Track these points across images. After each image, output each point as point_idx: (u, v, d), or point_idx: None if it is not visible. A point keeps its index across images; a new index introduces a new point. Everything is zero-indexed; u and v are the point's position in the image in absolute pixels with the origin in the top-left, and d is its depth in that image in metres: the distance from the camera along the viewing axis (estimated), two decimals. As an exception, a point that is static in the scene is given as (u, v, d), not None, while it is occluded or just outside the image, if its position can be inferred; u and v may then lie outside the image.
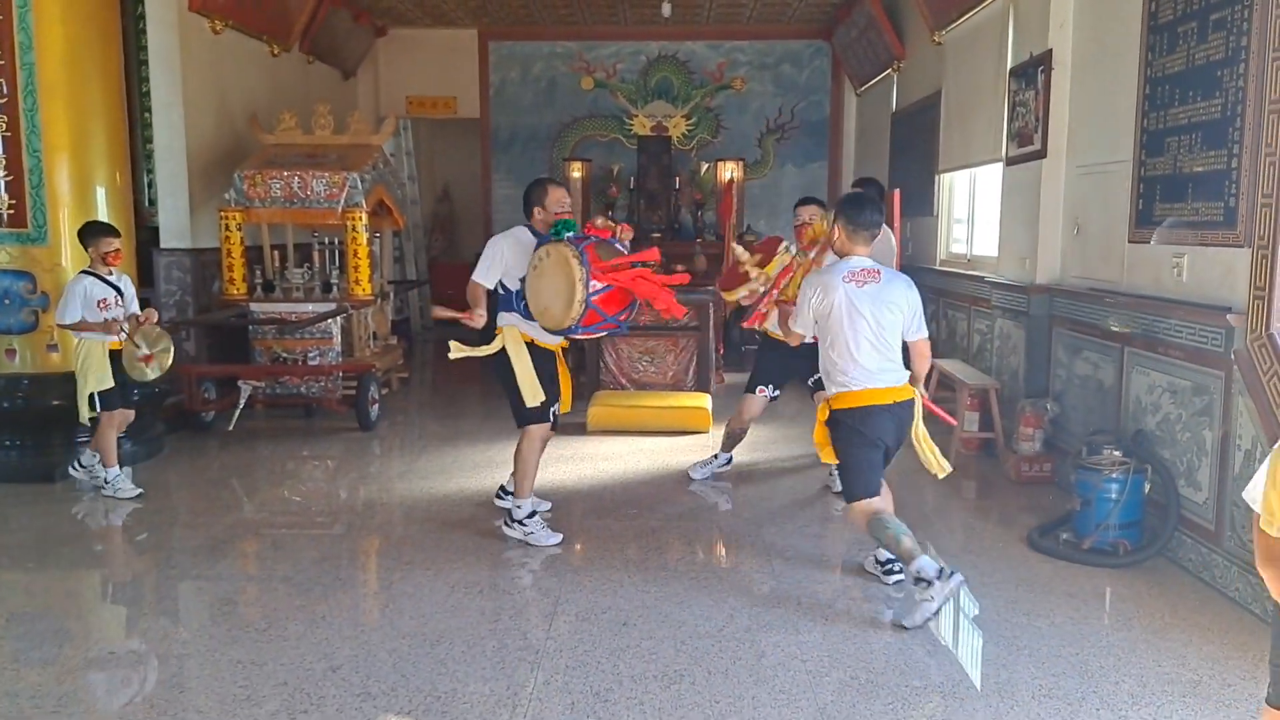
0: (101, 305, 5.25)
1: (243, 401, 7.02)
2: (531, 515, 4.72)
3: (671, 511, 5.28)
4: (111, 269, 5.34)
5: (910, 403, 4.03)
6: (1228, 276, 4.21)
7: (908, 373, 4.05)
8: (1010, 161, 6.49)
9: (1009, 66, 6.52)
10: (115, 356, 5.34)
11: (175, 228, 7.68)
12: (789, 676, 3.36)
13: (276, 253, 7.90)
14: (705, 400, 7.20)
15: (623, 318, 4.51)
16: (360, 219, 7.36)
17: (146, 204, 8.00)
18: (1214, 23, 4.30)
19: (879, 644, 3.63)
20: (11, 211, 5.78)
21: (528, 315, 4.52)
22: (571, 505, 5.34)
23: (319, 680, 3.30)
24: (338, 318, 7.35)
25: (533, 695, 3.21)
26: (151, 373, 5.43)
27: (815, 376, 5.17)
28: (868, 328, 3.91)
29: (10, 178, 5.75)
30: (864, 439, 3.98)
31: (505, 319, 4.63)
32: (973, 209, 7.89)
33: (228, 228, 7.36)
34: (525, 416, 4.65)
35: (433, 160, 13.94)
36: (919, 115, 8.94)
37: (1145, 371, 4.82)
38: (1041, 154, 5.94)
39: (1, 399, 5.88)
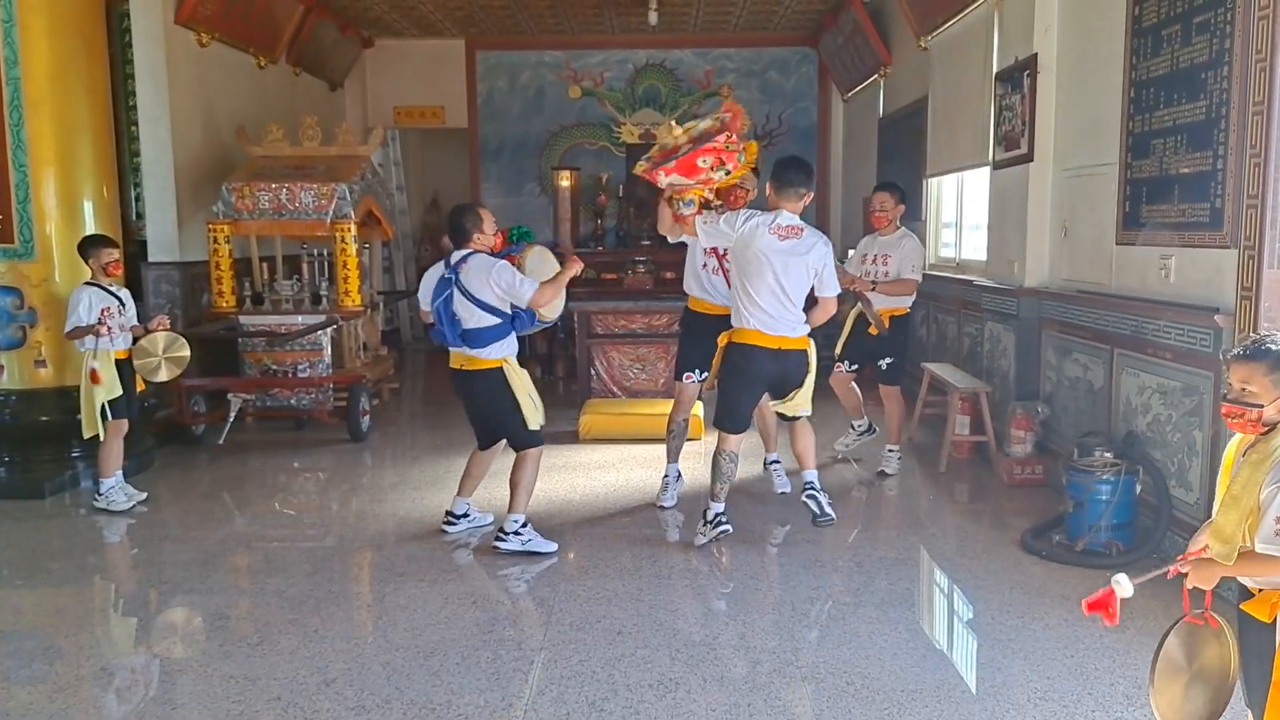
0: (105, 314, 5.31)
1: (233, 414, 6.99)
2: (526, 524, 4.71)
3: (664, 519, 5.27)
4: (112, 279, 5.40)
5: (801, 353, 4.55)
6: (1215, 277, 4.24)
7: (806, 327, 4.55)
8: (997, 165, 6.52)
9: (995, 71, 6.55)
10: (120, 366, 5.38)
11: (163, 241, 7.66)
12: (784, 683, 3.36)
13: (265, 265, 7.87)
14: (697, 408, 7.19)
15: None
16: (349, 230, 7.35)
17: (134, 218, 7.97)
18: (1197, 26, 4.33)
19: (874, 649, 3.63)
20: (-2, 227, 5.76)
21: (528, 325, 4.65)
22: (564, 514, 5.33)
23: (312, 694, 3.29)
24: (327, 329, 7.33)
25: (528, 705, 3.20)
26: (166, 374, 5.58)
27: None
28: (772, 278, 4.40)
29: (-4, 193, 5.72)
30: (744, 374, 4.55)
31: (501, 348, 4.60)
32: (960, 213, 7.92)
33: (216, 240, 7.33)
34: (528, 439, 4.68)
35: (421, 170, 13.94)
36: (906, 120, 8.97)
37: (1135, 373, 4.84)
38: (1028, 158, 5.97)
39: (-11, 415, 5.85)
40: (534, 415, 4.68)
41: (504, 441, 4.86)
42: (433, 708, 3.19)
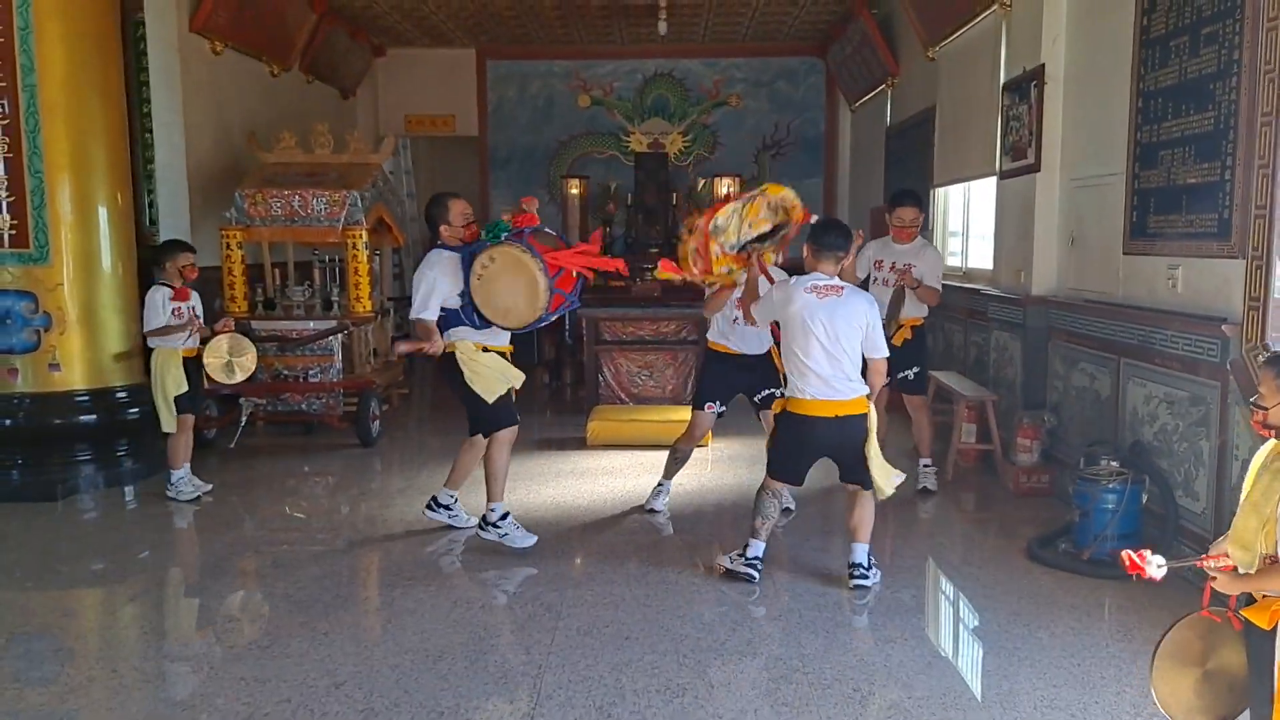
0: (177, 314, 5.57)
1: (244, 418, 7.03)
2: (505, 516, 4.76)
3: (671, 525, 5.28)
4: (184, 281, 5.69)
5: (861, 416, 4.22)
6: (1223, 287, 4.24)
7: (864, 388, 4.25)
8: (1004, 175, 6.54)
9: (1002, 81, 6.57)
10: (187, 364, 5.65)
11: (176, 247, 7.71)
12: (792, 689, 3.37)
13: (277, 270, 7.93)
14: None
15: (573, 293, 4.74)
16: (360, 236, 7.40)
17: (147, 224, 8.03)
18: (1205, 37, 4.35)
19: (881, 656, 3.64)
20: (13, 232, 5.80)
21: (483, 324, 4.61)
22: (572, 520, 5.35)
23: (322, 696, 3.31)
24: (338, 335, 7.37)
25: (535, 710, 3.22)
26: (237, 375, 5.94)
27: (763, 393, 5.23)
28: (823, 337, 4.17)
29: (12, 198, 5.77)
30: (803, 444, 4.33)
31: (455, 334, 4.67)
32: (967, 222, 7.94)
33: (228, 246, 7.40)
34: (492, 423, 4.72)
35: (432, 178, 13.98)
36: (913, 130, 9.00)
37: (1142, 383, 4.85)
38: (1035, 167, 5.99)
39: (3, 418, 5.87)
40: (490, 388, 4.66)
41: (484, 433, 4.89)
42: (441, 711, 3.21)
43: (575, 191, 11.73)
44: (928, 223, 8.40)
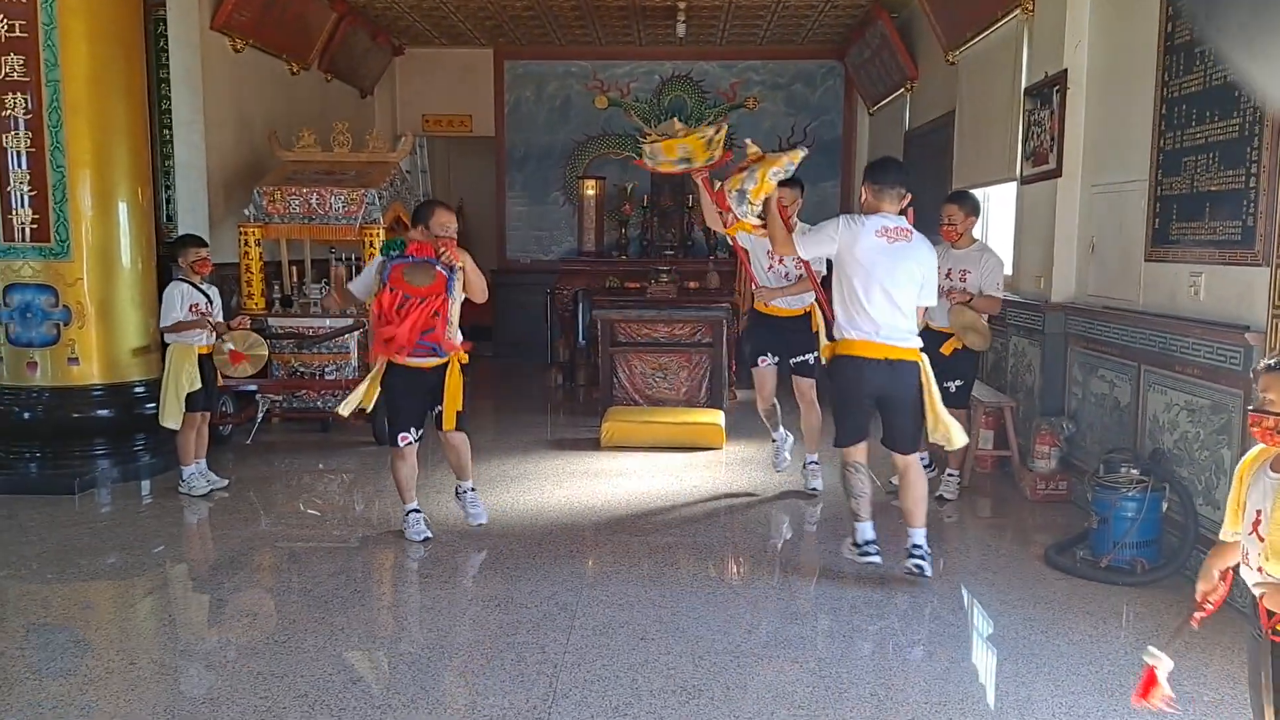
0: (194, 309, 5.62)
1: (260, 415, 7.06)
2: (408, 514, 4.91)
3: (686, 527, 5.28)
4: (200, 277, 5.72)
5: (913, 364, 4.20)
6: (1246, 295, 4.21)
7: (917, 339, 4.26)
8: (1025, 180, 6.51)
9: (1024, 86, 6.54)
10: (202, 361, 5.69)
11: (194, 243, 7.75)
12: (807, 693, 3.36)
13: (295, 268, 7.97)
14: (719, 417, 7.21)
15: (429, 338, 4.59)
16: (377, 235, 7.43)
17: (166, 220, 8.08)
18: (1231, 43, 4.32)
19: (897, 661, 3.62)
20: (35, 226, 5.84)
21: None
22: (586, 520, 5.35)
23: (339, 692, 3.32)
24: (355, 332, 7.40)
25: (551, 709, 3.22)
26: (246, 369, 5.98)
27: (800, 358, 5.51)
28: (886, 283, 4.12)
29: (34, 193, 5.82)
30: (853, 388, 4.28)
31: None
32: (986, 227, 7.89)
33: (247, 243, 7.44)
34: (384, 438, 4.84)
35: (448, 178, 14.03)
36: (932, 135, 8.97)
37: (1162, 390, 4.82)
38: (1056, 173, 5.96)
39: (22, 411, 5.94)
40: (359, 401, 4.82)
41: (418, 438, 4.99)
42: (458, 709, 3.22)
43: (591, 192, 11.73)
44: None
